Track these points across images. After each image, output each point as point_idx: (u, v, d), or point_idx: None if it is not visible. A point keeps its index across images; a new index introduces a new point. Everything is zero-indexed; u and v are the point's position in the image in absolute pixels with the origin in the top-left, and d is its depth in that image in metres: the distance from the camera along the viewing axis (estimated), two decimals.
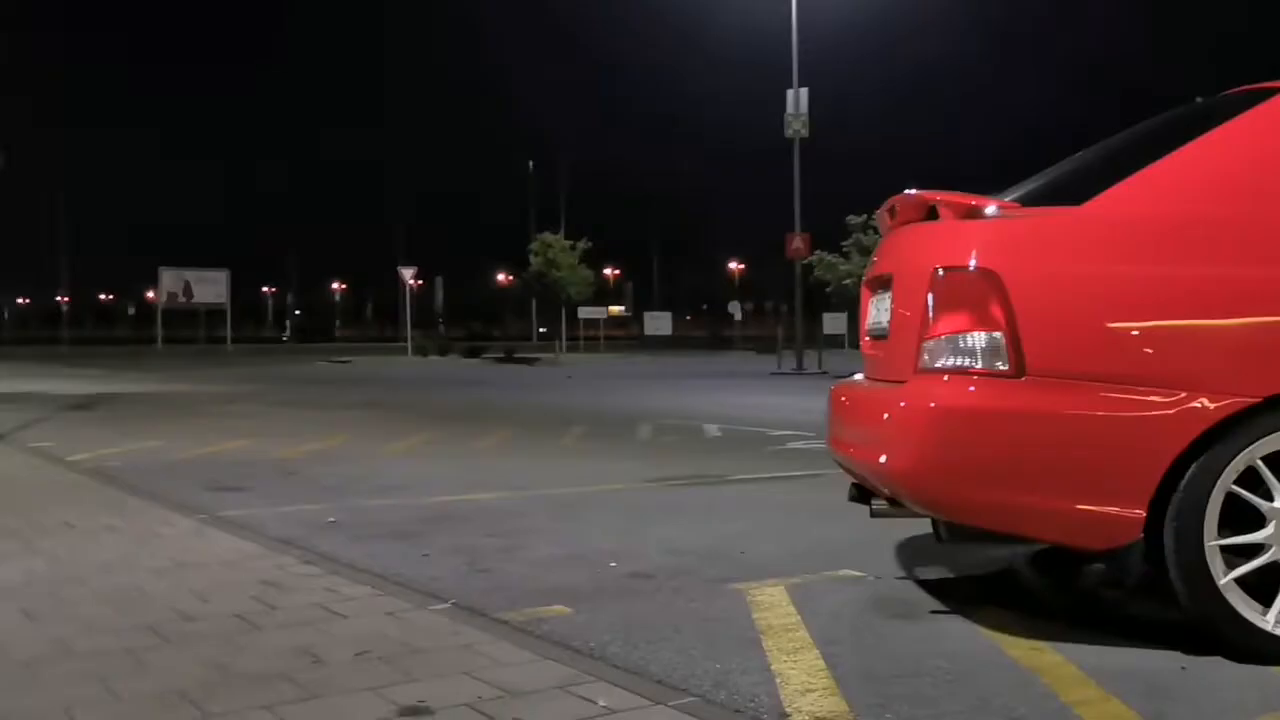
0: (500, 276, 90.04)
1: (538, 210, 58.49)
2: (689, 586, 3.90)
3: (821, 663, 2.97)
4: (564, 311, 47.17)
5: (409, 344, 39.98)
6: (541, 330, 46.80)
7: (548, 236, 47.45)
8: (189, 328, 70.12)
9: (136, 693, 2.70)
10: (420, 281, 58.33)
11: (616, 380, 21.86)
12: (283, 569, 4.07)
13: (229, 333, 55.81)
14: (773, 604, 3.62)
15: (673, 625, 3.38)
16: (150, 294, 69.33)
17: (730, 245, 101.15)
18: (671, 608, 3.61)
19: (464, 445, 9.17)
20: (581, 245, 46.82)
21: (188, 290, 56.49)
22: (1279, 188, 3.08)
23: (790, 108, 26.44)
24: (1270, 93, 3.28)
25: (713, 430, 10.41)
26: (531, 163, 64.19)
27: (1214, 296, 3.00)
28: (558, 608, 3.59)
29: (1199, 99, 3.78)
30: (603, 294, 60.68)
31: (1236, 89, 3.56)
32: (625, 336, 65.89)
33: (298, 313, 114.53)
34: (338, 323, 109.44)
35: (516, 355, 35.95)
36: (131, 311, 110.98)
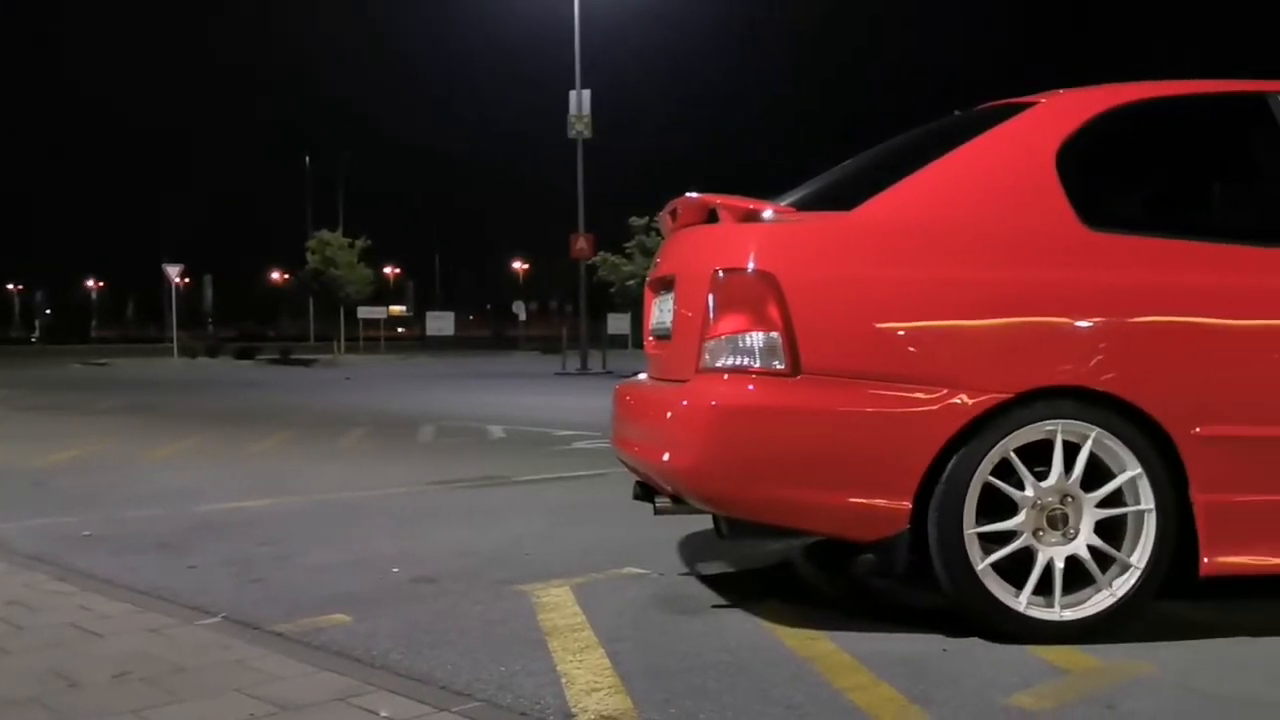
0: (275, 275, 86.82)
1: (315, 207, 56.66)
2: (473, 589, 3.85)
3: (607, 661, 2.99)
4: (342, 311, 45.95)
5: (175, 345, 37.94)
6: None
7: (325, 234, 46.16)
8: None
9: None
10: (187, 280, 55.55)
11: (398, 381, 21.42)
12: (32, 587, 3.78)
13: None
14: (558, 604, 3.61)
15: (457, 630, 3.32)
16: None
17: (515, 245, 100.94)
18: (455, 612, 3.55)
19: (237, 449, 8.76)
20: (360, 243, 45.78)
21: None
22: (1028, 196, 3.30)
23: (573, 109, 26.55)
24: (1020, 108, 3.51)
25: (497, 431, 10.34)
26: (309, 158, 62.12)
27: (971, 298, 3.18)
28: (336, 616, 3.47)
29: (957, 112, 4.01)
30: (383, 293, 59.44)
31: (990, 103, 3.79)
32: (407, 337, 64.75)
33: (48, 312, 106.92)
34: (94, 322, 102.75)
35: (293, 356, 34.70)
36: None
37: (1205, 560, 3.16)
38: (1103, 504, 3.17)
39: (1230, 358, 3.19)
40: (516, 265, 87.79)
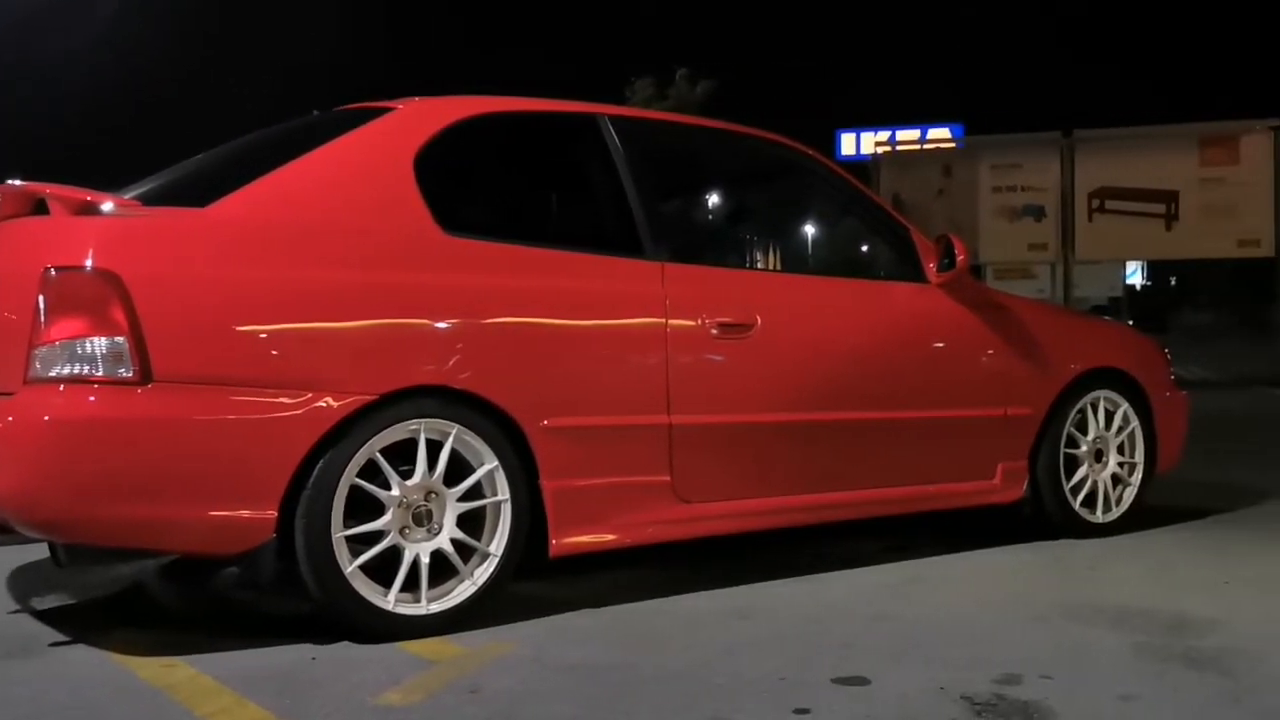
0: None
1: None
2: None
3: None
4: None
5: None
6: None
7: None
8: None
9: None
10: None
11: None
12: None
13: None
14: None
15: None
16: None
17: None
18: None
19: None
20: None
21: None
22: (387, 200, 3.34)
23: None
24: (378, 112, 3.55)
25: None
26: None
27: (333, 301, 3.15)
28: None
29: (316, 112, 3.97)
30: None
31: (349, 106, 3.80)
32: None
33: None
34: None
35: None
36: None
37: (554, 542, 3.42)
38: (464, 498, 3.30)
39: (567, 354, 3.48)
40: None
